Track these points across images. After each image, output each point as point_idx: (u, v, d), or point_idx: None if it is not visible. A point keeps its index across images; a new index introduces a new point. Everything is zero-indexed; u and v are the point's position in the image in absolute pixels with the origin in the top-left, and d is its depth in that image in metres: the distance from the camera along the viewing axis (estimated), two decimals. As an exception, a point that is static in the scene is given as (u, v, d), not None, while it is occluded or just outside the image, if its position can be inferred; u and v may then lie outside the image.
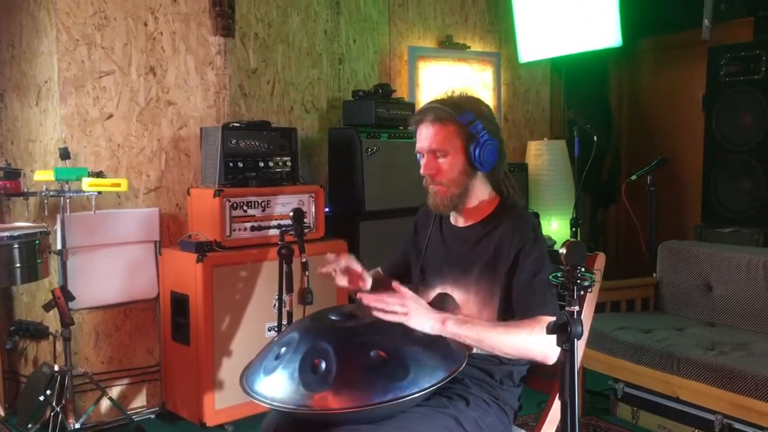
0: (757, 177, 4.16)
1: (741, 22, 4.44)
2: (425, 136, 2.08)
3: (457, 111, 2.03)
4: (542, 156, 4.91)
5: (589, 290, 1.42)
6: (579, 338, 1.38)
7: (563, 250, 1.43)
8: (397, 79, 4.61)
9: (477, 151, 2.01)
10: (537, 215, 4.65)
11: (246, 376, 1.91)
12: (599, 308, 3.94)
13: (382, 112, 3.99)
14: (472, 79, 4.90)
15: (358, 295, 1.94)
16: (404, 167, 3.78)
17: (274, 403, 1.78)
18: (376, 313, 1.86)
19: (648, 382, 3.22)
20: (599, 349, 3.40)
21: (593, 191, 5.56)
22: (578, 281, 1.40)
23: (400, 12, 4.65)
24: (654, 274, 3.82)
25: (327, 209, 3.89)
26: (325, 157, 4.18)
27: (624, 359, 3.29)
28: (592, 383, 3.72)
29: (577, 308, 1.40)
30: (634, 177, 4.10)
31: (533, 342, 1.84)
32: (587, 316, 2.05)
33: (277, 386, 1.80)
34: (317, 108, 4.28)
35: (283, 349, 1.88)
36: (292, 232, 2.68)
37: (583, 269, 1.41)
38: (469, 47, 4.92)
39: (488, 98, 5.01)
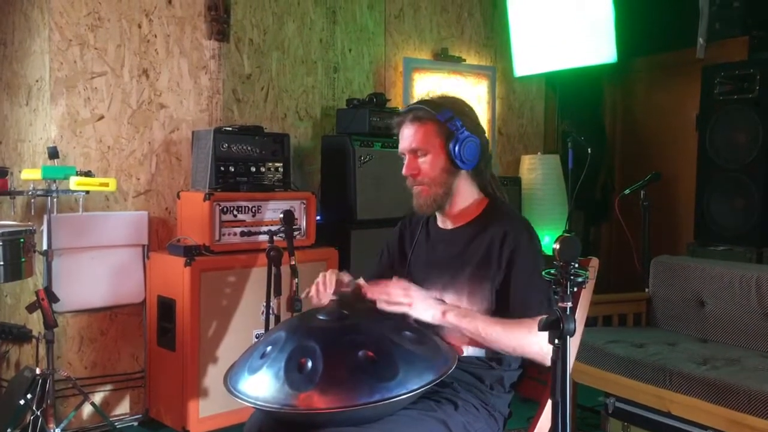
0: (750, 195, 4.15)
1: (735, 41, 4.46)
2: (406, 136, 2.07)
3: (435, 109, 2.02)
4: (536, 170, 4.90)
5: (584, 286, 1.38)
6: (572, 335, 1.35)
7: (556, 246, 1.40)
8: (392, 89, 4.60)
9: (457, 148, 1.99)
10: (529, 229, 4.62)
11: (230, 376, 1.87)
12: (590, 322, 3.91)
13: (376, 121, 3.97)
14: (466, 92, 4.89)
15: (359, 282, 1.94)
16: (397, 177, 3.68)
17: (258, 403, 1.73)
18: (379, 303, 1.87)
19: (639, 396, 3.17)
20: (590, 363, 3.35)
21: (586, 209, 5.54)
22: (572, 277, 1.36)
23: (396, 23, 4.65)
24: (646, 289, 3.79)
25: (318, 217, 3.86)
26: (318, 165, 4.15)
27: (615, 373, 3.24)
28: (583, 398, 3.67)
29: (570, 304, 1.36)
30: (627, 191, 4.08)
31: (531, 342, 1.82)
32: (580, 318, 2.01)
33: (262, 385, 1.75)
34: (311, 116, 4.26)
35: (269, 348, 1.83)
36: (281, 236, 2.64)
37: (576, 265, 1.38)
38: (465, 60, 4.93)
39: (482, 112, 5.01)
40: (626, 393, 3.25)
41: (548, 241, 4.69)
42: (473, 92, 4.96)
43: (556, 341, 1.37)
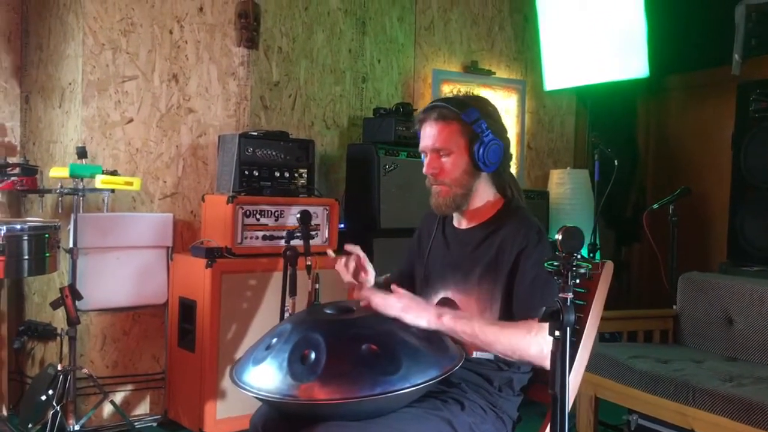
0: (785, 216, 4.04)
1: (772, 58, 4.37)
2: (428, 134, 2.05)
3: (461, 109, 2.00)
4: (564, 185, 4.85)
5: (586, 278, 1.36)
6: (572, 326, 1.32)
7: (559, 236, 1.38)
8: (420, 101, 4.61)
9: (481, 151, 1.97)
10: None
11: (236, 367, 1.87)
12: (615, 338, 3.83)
13: (402, 130, 3.97)
14: (496, 105, 4.86)
15: (356, 292, 1.92)
16: (421, 186, 3.70)
17: (261, 393, 1.73)
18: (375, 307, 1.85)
19: (662, 413, 3.08)
20: (612, 378, 3.28)
21: (617, 228, 5.46)
22: (574, 267, 1.34)
23: (426, 35, 4.67)
24: (674, 306, 3.70)
25: (342, 225, 3.87)
26: (344, 174, 4.16)
27: (638, 389, 3.16)
28: (605, 415, 3.59)
29: (571, 295, 1.34)
30: (656, 206, 4.01)
31: (530, 343, 1.79)
32: (592, 324, 1.98)
33: (266, 376, 1.75)
34: (338, 125, 4.29)
35: (275, 340, 1.84)
36: (299, 235, 2.65)
37: (579, 256, 1.36)
38: (494, 73, 4.91)
39: (512, 125, 4.99)
40: (649, 410, 3.17)
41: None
42: (502, 106, 4.94)
43: (557, 333, 1.34)
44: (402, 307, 1.84)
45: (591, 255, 3.92)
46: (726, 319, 3.45)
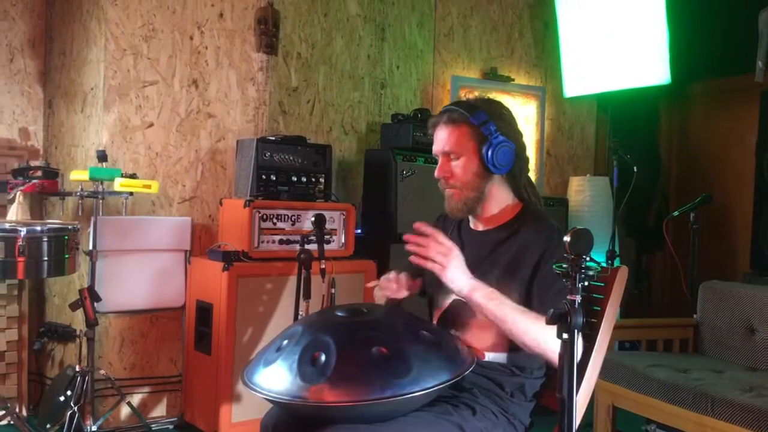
0: (809, 224, 3.98)
1: (796, 65, 4.31)
2: (439, 138, 2.06)
3: (470, 112, 2.00)
4: (584, 192, 4.81)
5: (594, 280, 1.34)
6: (579, 329, 1.31)
7: (568, 238, 1.37)
8: (438, 107, 4.60)
9: (489, 153, 1.97)
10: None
11: (247, 369, 1.88)
12: (634, 347, 3.79)
13: (419, 136, 3.97)
14: (514, 112, 4.82)
15: (416, 225, 1.93)
16: (439, 192, 3.73)
17: (270, 395, 1.73)
18: (413, 258, 1.88)
19: (681, 423, 3.04)
20: (630, 387, 3.24)
21: (638, 236, 5.40)
22: (582, 270, 1.33)
23: (445, 42, 4.67)
24: (694, 315, 3.66)
25: (359, 230, 3.87)
26: (361, 179, 4.17)
27: (656, 398, 3.13)
28: (623, 425, 3.54)
29: (579, 298, 1.33)
30: (676, 213, 3.97)
31: (554, 340, 1.76)
32: (606, 329, 1.95)
33: (275, 378, 1.76)
34: (356, 130, 4.30)
35: (285, 342, 1.84)
36: (314, 238, 2.66)
37: (587, 258, 1.34)
38: (514, 80, 4.90)
39: (531, 133, 4.97)
40: (668, 419, 3.13)
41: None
42: (522, 112, 4.93)
43: (564, 336, 1.33)
44: (444, 264, 1.85)
45: (609, 262, 3.88)
46: (747, 329, 3.40)
